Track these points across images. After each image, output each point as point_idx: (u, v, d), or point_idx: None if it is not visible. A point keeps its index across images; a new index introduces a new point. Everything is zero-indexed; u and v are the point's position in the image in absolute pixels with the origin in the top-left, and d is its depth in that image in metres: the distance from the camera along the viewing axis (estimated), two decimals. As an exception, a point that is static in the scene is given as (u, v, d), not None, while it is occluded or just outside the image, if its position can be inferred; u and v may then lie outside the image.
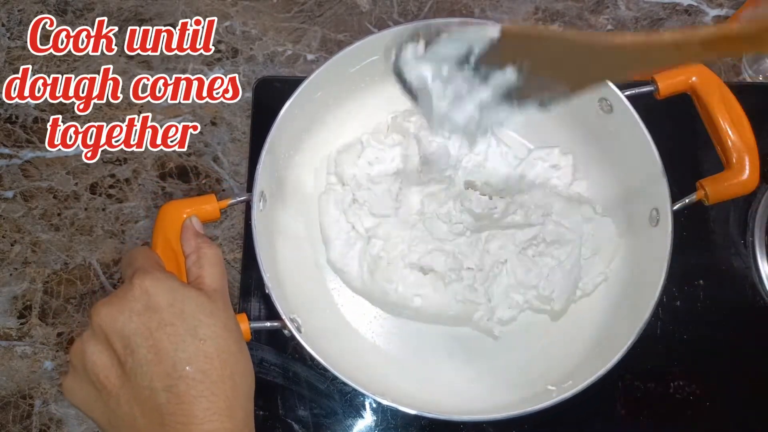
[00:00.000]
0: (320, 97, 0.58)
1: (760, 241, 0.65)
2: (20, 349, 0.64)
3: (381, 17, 0.75)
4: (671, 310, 0.63)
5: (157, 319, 0.40)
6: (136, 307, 0.40)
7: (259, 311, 0.63)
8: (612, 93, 0.56)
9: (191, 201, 0.51)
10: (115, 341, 0.40)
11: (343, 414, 0.61)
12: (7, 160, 0.70)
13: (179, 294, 0.41)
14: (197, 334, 0.40)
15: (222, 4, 0.75)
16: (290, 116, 0.55)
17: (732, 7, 0.75)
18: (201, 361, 0.40)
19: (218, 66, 0.73)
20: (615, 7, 0.76)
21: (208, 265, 0.46)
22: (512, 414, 0.50)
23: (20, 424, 0.63)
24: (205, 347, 0.40)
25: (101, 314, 0.40)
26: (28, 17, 0.75)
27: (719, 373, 0.62)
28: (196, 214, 0.50)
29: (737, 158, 0.53)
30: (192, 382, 0.39)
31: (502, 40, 0.38)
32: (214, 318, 0.41)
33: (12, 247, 0.67)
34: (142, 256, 0.45)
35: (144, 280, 0.41)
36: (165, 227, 0.49)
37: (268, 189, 0.55)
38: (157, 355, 0.39)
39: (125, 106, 0.72)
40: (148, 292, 0.41)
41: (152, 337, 0.39)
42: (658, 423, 0.61)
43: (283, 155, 0.58)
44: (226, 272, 0.47)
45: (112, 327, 0.40)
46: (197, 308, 0.41)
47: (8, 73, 0.73)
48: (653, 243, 0.54)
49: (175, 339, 0.40)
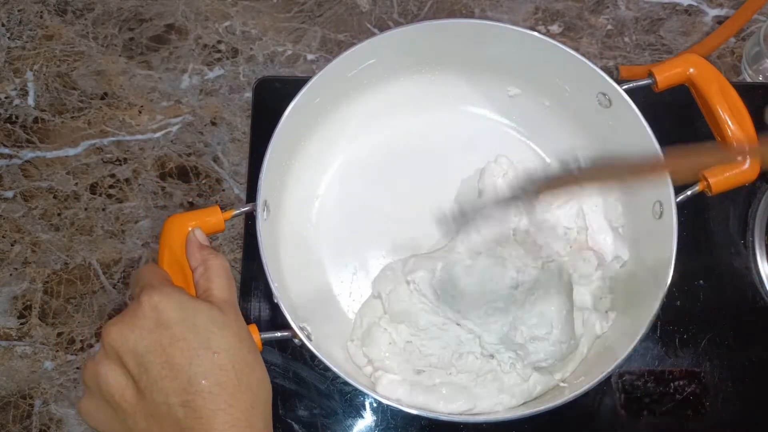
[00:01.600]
0: (319, 103, 0.58)
1: (760, 241, 0.65)
2: (20, 349, 0.64)
3: (381, 17, 0.75)
4: (671, 310, 0.63)
5: (168, 334, 0.40)
6: (146, 324, 0.40)
7: (259, 311, 0.63)
8: (610, 87, 0.56)
9: (195, 214, 0.51)
10: (128, 360, 0.39)
11: (343, 414, 0.61)
12: (7, 160, 0.70)
13: (189, 308, 0.41)
14: (210, 347, 0.40)
15: (222, 4, 0.75)
16: (290, 124, 0.55)
17: (732, 7, 0.75)
18: (216, 373, 0.39)
19: (218, 66, 0.73)
20: (615, 7, 0.76)
21: (215, 277, 0.46)
22: (514, 416, 0.50)
23: (20, 424, 0.63)
24: (220, 359, 0.40)
25: (112, 334, 0.40)
26: (28, 17, 0.75)
27: (719, 373, 0.62)
28: (200, 226, 0.50)
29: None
30: (209, 396, 0.38)
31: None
32: (227, 329, 0.41)
33: (12, 247, 0.67)
34: (150, 273, 0.45)
35: (152, 296, 0.41)
36: (170, 241, 0.49)
37: (271, 197, 0.55)
38: (172, 371, 0.39)
39: (125, 105, 0.72)
40: (158, 308, 0.40)
41: (165, 353, 0.39)
42: (658, 423, 0.61)
43: (284, 162, 0.58)
44: (234, 283, 0.46)
45: (124, 346, 0.39)
46: (208, 321, 0.41)
47: (8, 73, 0.73)
48: (658, 236, 0.54)
49: (189, 353, 0.39)
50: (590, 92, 0.57)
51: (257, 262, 0.50)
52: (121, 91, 0.72)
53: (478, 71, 0.62)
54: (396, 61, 0.60)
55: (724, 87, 0.54)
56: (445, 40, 0.59)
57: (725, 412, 0.62)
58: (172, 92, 0.72)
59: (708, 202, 0.66)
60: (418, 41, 0.59)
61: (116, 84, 0.72)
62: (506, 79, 0.62)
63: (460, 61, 0.62)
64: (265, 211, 0.53)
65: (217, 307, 0.43)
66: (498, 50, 0.59)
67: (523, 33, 0.57)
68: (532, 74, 0.61)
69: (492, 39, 0.58)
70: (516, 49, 0.58)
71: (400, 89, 0.63)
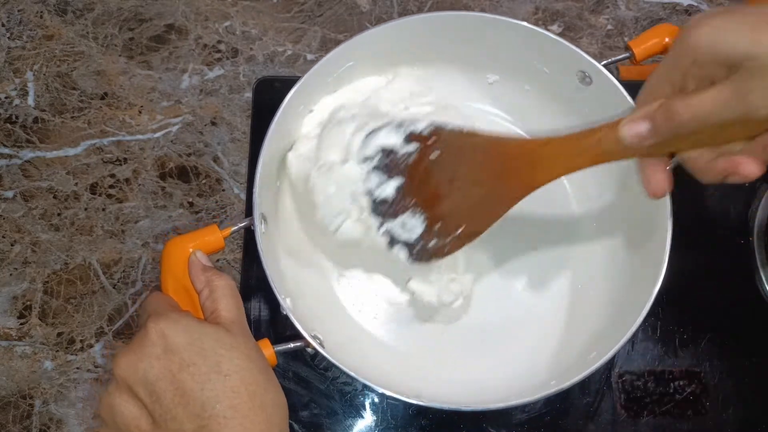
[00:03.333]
0: (302, 111, 0.58)
1: (760, 241, 0.65)
2: (20, 349, 0.64)
3: (381, 17, 0.75)
4: (671, 309, 0.63)
5: (177, 360, 0.39)
6: (154, 352, 0.40)
7: (259, 311, 0.63)
8: (589, 65, 0.56)
9: (193, 235, 0.50)
10: (139, 390, 0.39)
11: (343, 414, 0.61)
12: (7, 160, 0.70)
13: (196, 332, 0.41)
14: (221, 370, 0.40)
15: (222, 4, 0.75)
16: (277, 136, 0.55)
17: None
18: (229, 397, 0.39)
19: (218, 66, 0.73)
20: (615, 7, 0.76)
21: (221, 297, 0.45)
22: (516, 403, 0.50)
23: (20, 424, 0.63)
24: (231, 382, 0.39)
25: (121, 365, 0.40)
26: (28, 17, 0.75)
27: (719, 373, 0.62)
28: (200, 247, 0.49)
29: None
30: (223, 420, 0.38)
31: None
32: (236, 351, 0.41)
33: (12, 247, 0.67)
34: (155, 301, 0.45)
35: (158, 323, 0.40)
36: (171, 266, 0.48)
37: (268, 210, 0.55)
38: (184, 398, 0.39)
39: (125, 105, 0.72)
40: (165, 334, 0.40)
41: (176, 379, 0.39)
42: (658, 423, 0.61)
43: (275, 174, 0.58)
44: (241, 301, 0.46)
45: (134, 376, 0.39)
46: (217, 343, 0.41)
47: (8, 73, 0.73)
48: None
49: (200, 378, 0.39)
50: (570, 72, 0.58)
51: (257, 262, 0.50)
52: (121, 91, 0.72)
53: (459, 63, 0.63)
54: (373, 60, 0.61)
55: None
56: (424, 35, 0.60)
57: (725, 412, 0.62)
58: (172, 92, 0.72)
59: (708, 202, 0.66)
60: (395, 39, 0.59)
61: (116, 84, 0.72)
62: (486, 66, 0.63)
63: (440, 55, 0.62)
64: (263, 224, 0.53)
65: (225, 328, 0.42)
66: (475, 40, 0.60)
67: (496, 20, 0.58)
68: (510, 60, 0.61)
69: (468, 29, 0.59)
70: (492, 37, 0.59)
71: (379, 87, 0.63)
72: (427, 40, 0.60)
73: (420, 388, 0.53)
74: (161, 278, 0.49)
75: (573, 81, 0.58)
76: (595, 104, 0.58)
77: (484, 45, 0.60)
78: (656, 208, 0.53)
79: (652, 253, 0.53)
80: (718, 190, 0.66)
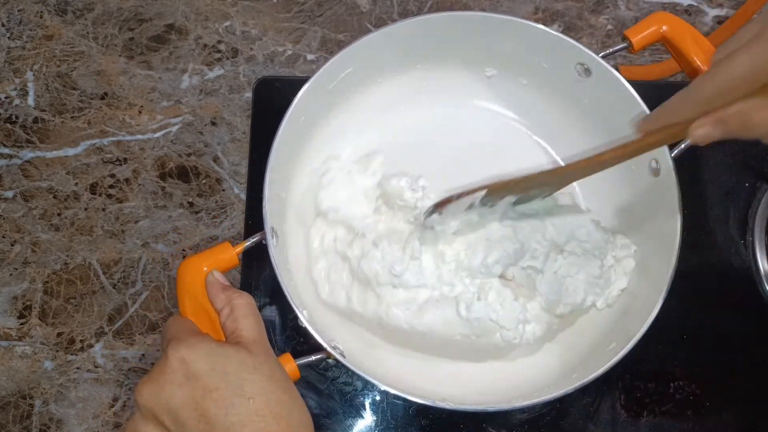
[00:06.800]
0: (305, 121, 0.58)
1: (760, 241, 0.65)
2: (20, 349, 0.64)
3: (381, 17, 0.75)
4: (671, 310, 0.63)
5: (200, 386, 0.39)
6: (176, 379, 0.39)
7: (260, 307, 0.63)
8: (587, 56, 0.56)
9: (207, 254, 0.50)
10: (164, 419, 0.39)
11: (343, 414, 0.61)
12: (7, 160, 0.70)
13: (217, 355, 0.40)
14: (244, 393, 0.39)
15: (222, 4, 0.75)
16: (282, 147, 0.55)
17: (732, 7, 0.75)
18: (254, 420, 0.39)
19: (218, 66, 0.73)
20: (615, 7, 0.76)
21: (242, 317, 0.45)
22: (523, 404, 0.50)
23: (20, 424, 0.63)
24: (255, 405, 0.39)
25: (144, 394, 0.39)
26: (28, 17, 0.75)
27: (719, 373, 0.62)
28: (214, 266, 0.48)
29: None
30: None
31: (490, 194, 0.51)
32: (258, 372, 0.41)
33: (12, 247, 0.67)
34: (174, 326, 0.44)
35: (179, 349, 0.40)
36: (188, 287, 0.48)
37: (277, 223, 0.54)
38: (208, 424, 0.38)
39: (125, 105, 0.72)
40: (185, 360, 0.39)
41: (199, 406, 0.38)
42: (658, 423, 0.61)
43: (281, 185, 0.58)
44: (261, 320, 0.45)
45: (157, 405, 0.39)
46: (239, 366, 0.40)
47: (8, 73, 0.73)
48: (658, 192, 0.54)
49: (223, 403, 0.39)
50: (568, 65, 0.58)
51: (257, 263, 0.50)
52: (121, 91, 0.72)
53: (457, 59, 0.63)
54: (373, 65, 0.61)
55: (697, 38, 0.55)
56: (421, 36, 0.60)
57: (725, 412, 0.62)
58: (172, 92, 0.72)
59: (708, 202, 0.66)
60: (394, 42, 0.59)
61: (116, 84, 0.72)
62: (484, 61, 0.63)
63: (437, 51, 0.62)
64: (274, 237, 0.53)
65: (246, 348, 0.42)
66: (474, 36, 0.60)
67: (497, 19, 0.58)
68: (508, 54, 0.61)
69: (466, 29, 0.59)
70: (491, 33, 0.59)
71: (379, 90, 0.63)
72: (427, 40, 0.60)
73: (443, 393, 0.53)
74: (178, 300, 0.48)
75: (571, 73, 0.58)
76: (598, 96, 0.58)
77: (482, 41, 0.60)
78: (666, 211, 0.53)
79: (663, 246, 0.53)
80: (718, 189, 0.66)
